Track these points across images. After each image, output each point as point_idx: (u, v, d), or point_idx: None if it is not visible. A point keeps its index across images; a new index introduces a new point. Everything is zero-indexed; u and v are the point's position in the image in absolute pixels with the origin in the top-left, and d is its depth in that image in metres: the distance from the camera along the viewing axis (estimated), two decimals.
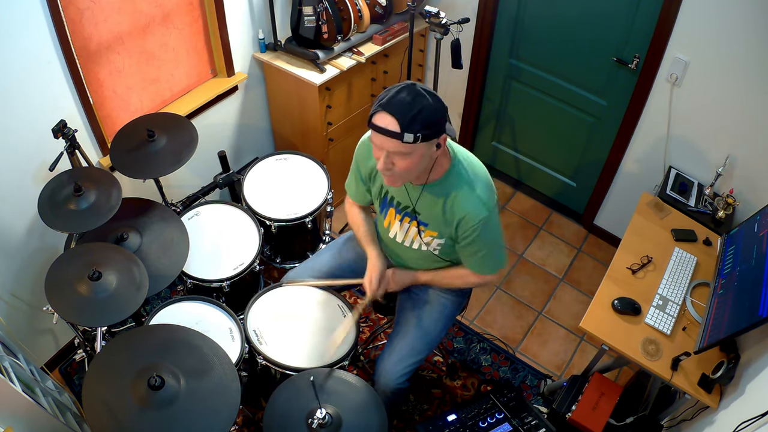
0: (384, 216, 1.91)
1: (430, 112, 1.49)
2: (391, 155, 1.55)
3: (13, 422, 1.70)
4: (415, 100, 1.48)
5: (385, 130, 1.50)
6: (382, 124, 1.51)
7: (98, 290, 1.76)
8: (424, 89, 1.52)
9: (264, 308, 2.10)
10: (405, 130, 1.48)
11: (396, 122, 1.48)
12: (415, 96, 1.49)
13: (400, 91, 1.51)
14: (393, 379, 1.90)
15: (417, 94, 1.50)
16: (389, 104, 1.50)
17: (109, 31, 2.27)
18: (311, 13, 2.70)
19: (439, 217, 1.75)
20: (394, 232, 1.91)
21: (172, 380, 1.55)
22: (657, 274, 2.23)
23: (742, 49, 2.31)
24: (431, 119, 1.50)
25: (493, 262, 1.84)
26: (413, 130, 1.48)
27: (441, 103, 1.54)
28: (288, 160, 2.72)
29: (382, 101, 1.52)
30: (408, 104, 1.48)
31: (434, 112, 1.51)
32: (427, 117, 1.49)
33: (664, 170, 2.79)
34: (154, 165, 2.18)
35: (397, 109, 1.48)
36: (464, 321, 2.93)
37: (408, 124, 1.48)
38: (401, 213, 1.84)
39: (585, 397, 2.14)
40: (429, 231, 1.81)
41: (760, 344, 1.88)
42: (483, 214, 1.67)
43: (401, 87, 1.52)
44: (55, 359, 2.63)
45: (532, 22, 2.97)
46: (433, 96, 1.52)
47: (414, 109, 1.48)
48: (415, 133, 1.48)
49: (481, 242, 1.74)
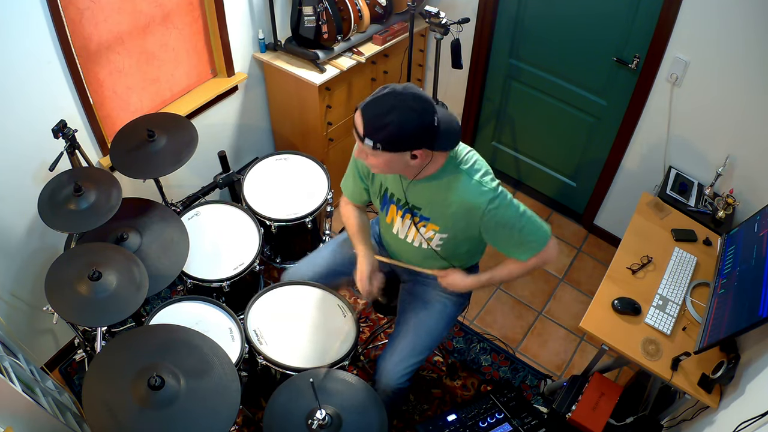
0: (386, 213, 1.91)
1: (397, 128, 1.49)
2: (363, 149, 1.59)
3: (13, 422, 1.70)
4: (389, 113, 1.49)
5: (355, 128, 1.56)
6: (355, 121, 1.56)
7: (98, 290, 1.76)
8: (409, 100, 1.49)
9: (264, 308, 2.10)
10: (366, 136, 1.52)
11: (362, 125, 1.52)
12: (391, 108, 1.48)
13: (385, 96, 1.51)
14: (394, 379, 1.89)
15: (393, 106, 1.48)
16: (366, 106, 1.53)
17: (109, 31, 2.27)
18: (311, 13, 2.70)
19: (441, 210, 1.74)
20: (396, 228, 1.91)
21: (172, 380, 1.55)
22: (657, 274, 2.23)
23: (742, 49, 2.31)
24: (396, 135, 1.50)
25: (533, 240, 1.74)
26: (374, 139, 1.52)
27: (420, 121, 1.50)
28: (288, 160, 2.72)
29: (367, 99, 1.54)
30: (380, 114, 1.50)
31: (402, 130, 1.49)
32: (391, 133, 1.50)
33: (664, 170, 2.80)
34: (154, 165, 2.18)
35: (369, 113, 1.52)
36: (464, 321, 2.92)
37: (371, 132, 1.51)
38: (401, 209, 1.84)
39: (585, 397, 2.14)
40: (431, 225, 1.79)
41: (760, 344, 1.88)
42: (487, 195, 1.65)
43: (386, 92, 1.52)
44: (55, 359, 2.63)
45: (532, 22, 2.97)
46: (413, 112, 1.49)
47: (382, 121, 1.49)
48: (374, 142, 1.52)
49: (504, 225, 1.69)
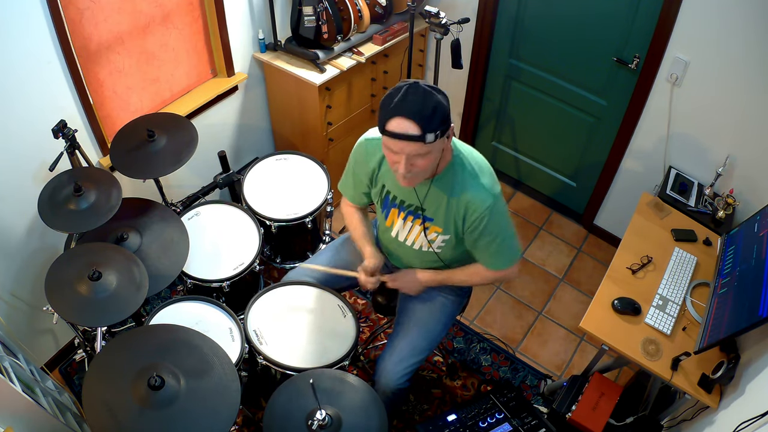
0: (386, 216, 1.91)
1: (442, 106, 1.50)
2: (411, 158, 1.54)
3: (13, 422, 1.70)
4: (426, 99, 1.48)
5: (405, 135, 1.49)
6: (400, 130, 1.49)
7: (98, 290, 1.76)
8: (427, 85, 1.52)
9: (264, 308, 2.10)
10: (426, 131, 1.48)
11: (415, 125, 1.47)
12: (425, 94, 1.49)
13: (407, 92, 1.49)
14: (394, 379, 1.89)
15: (425, 92, 1.49)
16: (402, 108, 1.48)
17: (109, 31, 2.27)
18: (311, 13, 2.70)
19: (444, 209, 1.74)
20: (396, 230, 1.91)
21: (172, 380, 1.55)
22: (657, 274, 2.23)
23: (742, 49, 2.31)
24: (445, 113, 1.51)
25: (507, 254, 1.80)
26: (433, 129, 1.49)
27: (444, 94, 1.54)
28: (288, 160, 2.72)
29: (391, 106, 1.49)
30: (420, 104, 1.48)
31: (443, 107, 1.51)
32: (441, 113, 1.50)
33: (664, 170, 2.80)
34: (154, 165, 2.18)
35: (413, 111, 1.47)
36: (464, 321, 2.93)
37: (427, 125, 1.48)
38: (405, 211, 1.84)
39: (585, 397, 2.14)
40: (434, 226, 1.80)
41: (760, 344, 1.87)
42: (489, 201, 1.66)
43: (407, 88, 1.50)
44: (55, 359, 2.63)
45: (532, 22, 2.97)
46: (437, 90, 1.52)
47: (428, 109, 1.48)
48: (435, 132, 1.49)
49: (491, 232, 1.71)
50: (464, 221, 1.72)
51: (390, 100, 1.50)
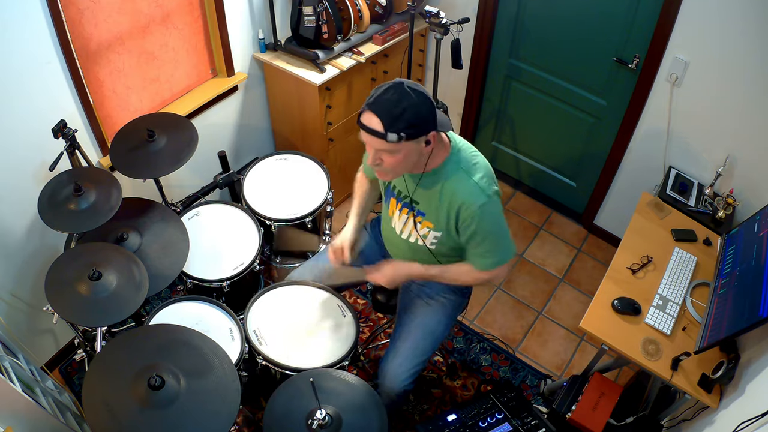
0: (387, 205, 1.92)
1: (413, 111, 1.51)
2: (379, 152, 1.58)
3: (13, 422, 1.70)
4: (401, 100, 1.50)
5: (370, 129, 1.54)
6: (367, 123, 1.54)
7: (98, 290, 1.76)
8: (411, 87, 1.53)
9: (264, 308, 2.10)
10: (388, 130, 1.51)
11: (380, 122, 1.51)
12: (401, 95, 1.51)
13: (387, 90, 1.53)
14: (399, 382, 1.89)
15: (403, 93, 1.51)
16: (375, 103, 1.52)
17: (109, 31, 2.27)
18: (311, 13, 2.70)
19: (436, 206, 1.74)
20: (395, 222, 1.91)
21: (172, 380, 1.55)
22: (657, 274, 2.23)
23: (742, 49, 2.31)
24: (415, 118, 1.52)
25: (499, 255, 1.79)
26: (396, 130, 1.51)
27: (428, 100, 1.55)
28: (288, 160, 2.72)
29: (369, 100, 1.54)
30: (392, 104, 1.50)
31: (418, 111, 1.52)
32: (410, 116, 1.51)
33: (664, 170, 2.80)
34: (154, 165, 2.18)
35: (382, 108, 1.51)
36: (464, 321, 2.92)
37: (391, 124, 1.50)
38: (401, 202, 1.85)
39: (585, 397, 2.14)
40: (426, 222, 1.80)
41: (760, 344, 1.87)
42: (481, 200, 1.65)
43: (388, 86, 1.54)
44: (55, 359, 2.63)
45: (532, 22, 2.97)
46: (419, 94, 1.53)
47: (398, 109, 1.50)
48: (398, 133, 1.51)
49: (482, 232, 1.71)
50: (457, 219, 1.72)
51: (372, 93, 1.56)
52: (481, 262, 1.80)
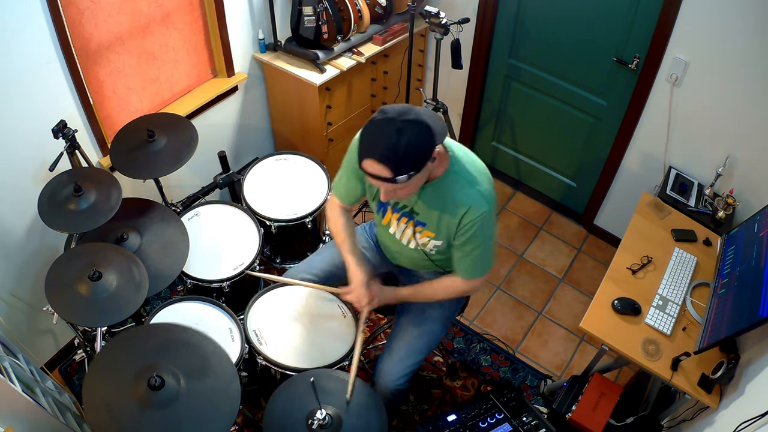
0: (382, 216, 1.91)
1: (415, 148, 1.47)
2: (389, 191, 1.56)
3: (13, 422, 1.70)
4: (400, 141, 1.45)
5: (378, 177, 1.51)
6: (372, 171, 1.51)
7: (98, 290, 1.76)
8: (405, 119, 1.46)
9: (264, 308, 2.10)
10: (396, 174, 1.49)
11: (386, 168, 1.48)
12: (399, 134, 1.45)
13: (382, 132, 1.47)
14: (393, 380, 1.89)
15: (398, 131, 1.45)
16: (374, 150, 1.48)
17: (109, 31, 2.27)
18: (311, 13, 2.70)
19: (438, 215, 1.74)
20: (393, 229, 1.91)
21: (172, 380, 1.54)
22: (657, 274, 2.23)
23: (742, 49, 2.31)
24: (419, 153, 1.49)
25: (484, 263, 1.81)
26: (405, 171, 1.49)
27: (422, 125, 1.48)
28: (288, 160, 2.72)
29: (365, 145, 1.50)
30: (392, 147, 1.45)
31: (419, 144, 1.48)
32: (414, 153, 1.48)
33: (664, 170, 2.80)
34: (154, 165, 2.18)
35: (384, 155, 1.47)
36: (464, 321, 2.93)
37: (398, 168, 1.48)
38: (399, 212, 1.84)
39: (585, 398, 2.14)
40: (426, 231, 1.80)
41: (760, 344, 1.87)
42: (484, 208, 1.66)
43: (382, 127, 1.47)
44: (55, 359, 2.63)
45: (532, 22, 2.97)
46: (412, 124, 1.46)
47: (400, 151, 1.45)
48: (408, 173, 1.49)
49: (477, 239, 1.72)
50: (458, 225, 1.71)
51: (365, 136, 1.51)
52: (471, 268, 1.81)
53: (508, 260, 3.26)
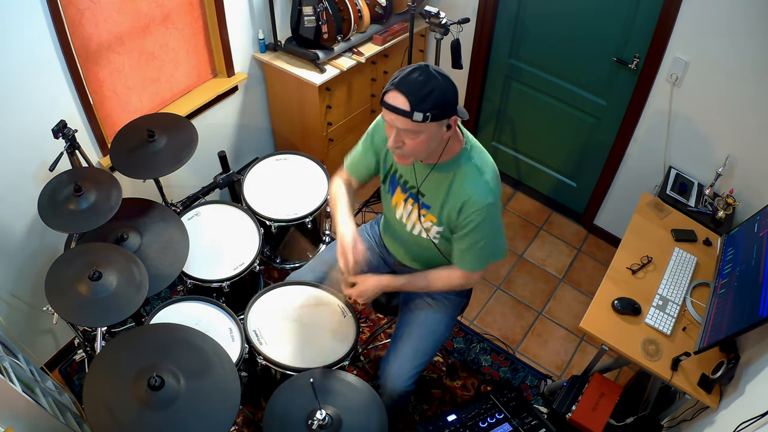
0: (391, 195, 1.90)
1: (440, 92, 1.52)
2: (401, 133, 1.57)
3: (13, 422, 1.70)
4: (428, 81, 1.51)
5: (396, 108, 1.53)
6: (392, 102, 1.54)
7: (98, 290, 1.76)
8: (436, 71, 1.54)
9: (264, 308, 2.10)
10: (415, 109, 1.51)
11: (407, 101, 1.51)
12: (428, 76, 1.52)
13: (413, 71, 1.53)
14: (401, 382, 1.89)
15: (429, 74, 1.52)
16: (401, 83, 1.52)
17: (109, 31, 2.27)
18: (311, 13, 2.70)
19: (441, 200, 1.74)
20: (400, 213, 1.90)
21: (172, 380, 1.55)
22: (657, 274, 2.23)
23: (742, 49, 2.31)
24: (441, 99, 1.52)
25: (487, 257, 1.79)
26: (423, 109, 1.51)
27: (452, 84, 1.57)
28: (288, 160, 2.72)
29: (395, 80, 1.54)
30: (420, 84, 1.51)
31: (445, 92, 1.53)
32: (437, 97, 1.51)
33: (664, 170, 2.80)
34: (154, 165, 2.18)
35: (409, 88, 1.51)
36: (464, 321, 2.93)
37: (418, 103, 1.50)
38: (406, 193, 1.84)
39: (585, 398, 2.14)
40: (429, 215, 1.80)
41: (760, 344, 1.87)
42: (489, 199, 1.66)
43: (414, 67, 1.54)
44: (55, 359, 2.63)
45: (532, 22, 2.97)
46: (445, 78, 1.55)
47: (425, 89, 1.50)
48: (424, 112, 1.51)
49: (481, 231, 1.71)
50: (459, 214, 1.71)
51: (397, 74, 1.56)
52: (472, 260, 1.80)
53: (508, 260, 3.26)
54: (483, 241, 1.74)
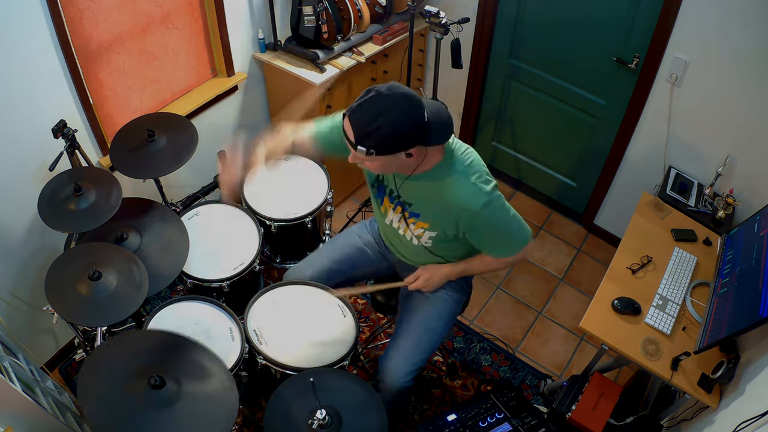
0: (380, 203, 1.91)
1: (387, 131, 1.48)
2: (355, 155, 1.58)
3: (13, 422, 1.70)
4: (378, 116, 1.48)
5: (346, 136, 1.55)
6: (345, 129, 1.56)
7: (98, 290, 1.76)
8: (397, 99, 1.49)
9: (264, 308, 2.10)
10: (358, 143, 1.51)
11: (352, 132, 1.52)
12: (380, 110, 1.48)
13: (368, 101, 1.50)
14: (399, 378, 1.89)
15: (381, 109, 1.48)
16: (353, 112, 1.52)
17: (109, 31, 2.27)
18: (311, 12, 2.70)
19: (432, 207, 1.74)
20: (390, 219, 1.91)
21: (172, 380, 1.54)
22: (657, 274, 2.23)
23: (742, 49, 2.31)
24: (388, 138, 1.50)
25: (513, 244, 1.79)
26: (365, 145, 1.51)
27: (411, 118, 1.50)
28: (288, 160, 2.72)
29: (352, 105, 1.53)
30: (368, 119, 1.49)
31: (394, 130, 1.49)
32: (382, 136, 1.49)
33: (664, 170, 2.80)
34: (154, 165, 2.18)
35: (356, 120, 1.51)
36: (464, 321, 2.93)
37: (361, 139, 1.51)
38: (393, 202, 1.84)
39: (585, 397, 2.14)
40: (420, 222, 1.80)
41: (760, 344, 1.88)
42: (483, 199, 1.65)
43: (371, 96, 1.51)
44: (55, 359, 2.63)
45: (532, 22, 2.97)
46: (402, 112, 1.48)
47: (371, 126, 1.48)
48: (367, 148, 1.51)
49: (492, 228, 1.71)
50: (458, 223, 1.71)
51: (358, 98, 1.54)
52: (497, 251, 1.83)
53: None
54: (499, 234, 1.75)
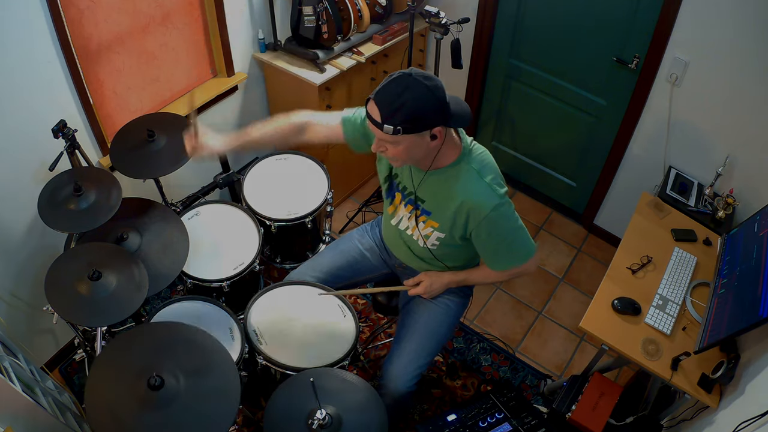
0: (390, 201, 1.90)
1: (414, 105, 1.48)
2: (381, 141, 1.58)
3: (13, 422, 1.70)
4: (404, 92, 1.48)
5: (371, 117, 1.54)
6: (369, 111, 1.55)
7: (98, 290, 1.76)
8: (421, 79, 1.49)
9: (264, 308, 2.10)
10: (384, 122, 1.51)
11: (378, 112, 1.52)
12: (406, 87, 1.48)
13: (393, 80, 1.51)
14: (402, 382, 1.89)
15: (408, 84, 1.48)
16: (378, 93, 1.53)
17: (109, 31, 2.27)
18: (311, 13, 2.70)
19: (443, 205, 1.72)
20: (398, 219, 1.90)
21: (172, 380, 1.55)
22: (657, 274, 2.23)
23: (741, 49, 2.31)
24: (414, 114, 1.49)
25: (517, 255, 1.78)
26: (393, 123, 1.50)
27: (435, 95, 1.50)
28: (288, 160, 2.72)
29: (377, 88, 1.54)
30: (394, 95, 1.49)
31: (420, 105, 1.49)
32: (410, 110, 1.48)
33: (664, 170, 2.80)
34: (154, 165, 2.18)
35: (382, 98, 1.51)
36: (464, 321, 2.93)
37: (388, 116, 1.50)
38: (406, 199, 1.83)
39: (585, 397, 2.14)
40: (431, 221, 1.79)
41: (760, 344, 1.88)
42: (495, 201, 1.64)
43: (395, 76, 1.52)
44: (55, 359, 2.63)
45: (532, 22, 2.97)
46: (427, 88, 1.49)
47: (398, 102, 1.48)
48: (394, 126, 1.50)
49: (498, 233, 1.70)
50: (467, 223, 1.70)
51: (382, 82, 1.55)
52: (497, 263, 1.81)
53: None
54: (505, 242, 1.74)
